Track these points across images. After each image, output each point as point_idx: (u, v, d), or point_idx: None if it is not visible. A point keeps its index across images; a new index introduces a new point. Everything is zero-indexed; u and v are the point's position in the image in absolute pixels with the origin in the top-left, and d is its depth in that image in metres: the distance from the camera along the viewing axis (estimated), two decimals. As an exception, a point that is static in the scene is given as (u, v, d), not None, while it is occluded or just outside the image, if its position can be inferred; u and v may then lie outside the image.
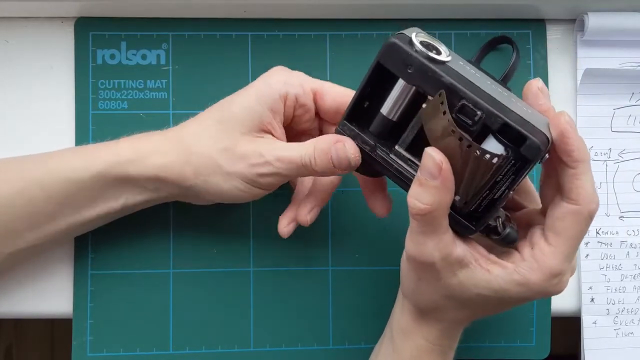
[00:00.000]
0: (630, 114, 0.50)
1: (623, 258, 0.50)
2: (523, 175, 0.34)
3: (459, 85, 0.33)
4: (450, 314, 0.39)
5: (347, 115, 0.38)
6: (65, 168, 0.41)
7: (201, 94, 0.49)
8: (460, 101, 0.33)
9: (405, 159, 0.37)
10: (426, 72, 0.34)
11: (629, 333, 0.50)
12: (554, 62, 0.50)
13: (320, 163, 0.39)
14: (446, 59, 0.34)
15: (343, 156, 0.38)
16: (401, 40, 0.34)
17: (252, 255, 0.48)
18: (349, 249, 0.49)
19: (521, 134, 0.33)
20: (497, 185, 0.34)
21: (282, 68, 0.43)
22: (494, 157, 0.33)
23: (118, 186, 0.42)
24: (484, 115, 0.33)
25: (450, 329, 0.40)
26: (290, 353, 0.48)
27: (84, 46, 0.48)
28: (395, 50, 0.34)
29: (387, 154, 0.37)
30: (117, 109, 0.48)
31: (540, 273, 0.35)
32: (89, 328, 0.47)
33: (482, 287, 0.36)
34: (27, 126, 0.48)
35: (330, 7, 0.48)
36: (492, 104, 0.33)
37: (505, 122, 0.33)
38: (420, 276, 0.37)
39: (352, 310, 0.49)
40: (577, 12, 0.49)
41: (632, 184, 0.50)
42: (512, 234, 0.37)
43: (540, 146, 0.33)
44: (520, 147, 0.33)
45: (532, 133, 0.33)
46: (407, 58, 0.34)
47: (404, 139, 0.37)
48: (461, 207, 0.35)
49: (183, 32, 0.49)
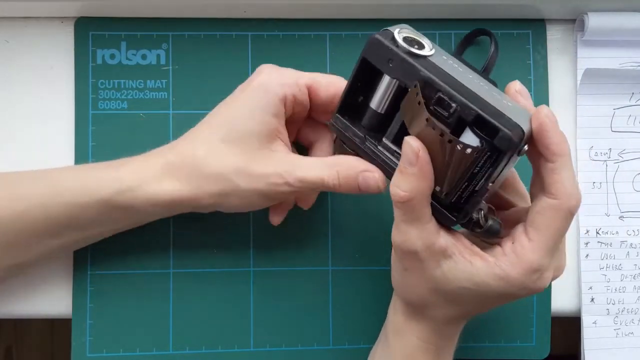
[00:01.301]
0: (630, 114, 0.50)
1: (623, 258, 0.50)
2: (499, 167, 0.35)
3: (435, 78, 0.35)
4: (437, 310, 0.39)
5: (339, 108, 0.39)
6: (67, 192, 0.41)
7: (201, 94, 0.48)
8: (437, 94, 0.34)
9: (392, 151, 0.38)
10: (405, 66, 0.35)
11: (629, 333, 0.50)
12: (554, 62, 0.50)
13: (346, 188, 0.39)
14: (428, 54, 0.36)
15: (373, 186, 0.39)
16: (384, 36, 0.36)
17: (252, 255, 0.48)
18: (349, 249, 0.49)
19: (494, 126, 0.34)
20: (476, 177, 0.35)
21: (270, 67, 0.42)
22: (467, 148, 0.34)
23: (121, 212, 0.41)
24: (459, 107, 0.34)
25: (442, 327, 0.40)
26: (290, 353, 0.48)
27: (84, 46, 0.48)
28: (377, 45, 0.36)
29: (376, 146, 0.39)
30: (117, 109, 0.48)
31: (519, 267, 0.36)
32: (89, 328, 0.47)
33: (464, 279, 0.36)
34: (27, 126, 0.48)
35: (330, 7, 0.48)
36: (467, 97, 0.34)
37: (478, 114, 0.34)
38: (406, 266, 0.38)
39: (352, 310, 0.49)
40: (577, 12, 0.49)
41: (632, 184, 0.50)
42: (494, 226, 0.37)
43: (511, 137, 0.33)
44: (494, 138, 0.34)
45: (505, 125, 0.33)
46: (388, 53, 0.36)
47: (390, 131, 0.38)
48: (443, 198, 0.36)
49: (183, 32, 0.49)
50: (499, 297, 0.37)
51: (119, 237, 0.47)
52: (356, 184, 0.39)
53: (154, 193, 0.40)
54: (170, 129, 0.48)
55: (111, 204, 0.41)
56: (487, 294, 0.37)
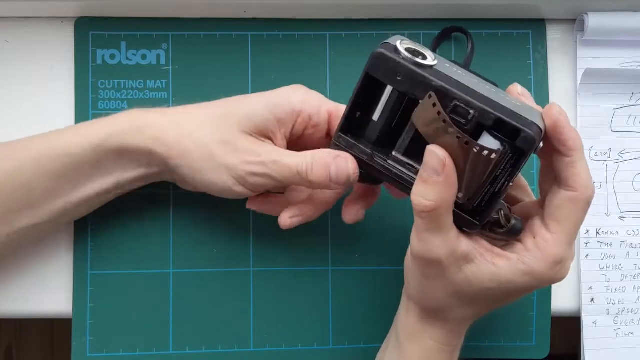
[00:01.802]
0: (630, 114, 0.50)
1: (623, 258, 0.50)
2: (521, 166, 0.35)
3: (449, 87, 0.34)
4: (456, 312, 0.39)
5: (342, 127, 0.38)
6: (63, 143, 0.41)
7: (201, 93, 0.48)
8: (452, 102, 0.34)
9: (404, 164, 0.38)
10: (415, 78, 0.35)
11: (629, 333, 0.50)
12: (554, 62, 0.50)
13: (317, 174, 0.39)
14: (432, 63, 0.35)
15: (343, 172, 0.38)
16: (387, 50, 0.35)
17: (252, 255, 0.48)
18: (349, 249, 0.49)
19: (515, 128, 0.33)
20: (497, 179, 0.35)
21: (302, 87, 0.43)
22: (492, 153, 0.33)
23: (113, 159, 0.42)
24: (477, 113, 0.34)
25: (457, 327, 0.40)
26: (290, 353, 0.48)
27: (84, 46, 0.48)
28: (382, 60, 0.35)
29: (385, 160, 0.38)
30: (117, 109, 0.48)
31: (544, 261, 0.36)
32: (89, 328, 0.47)
33: (489, 280, 0.36)
34: (27, 126, 0.48)
35: (330, 7, 0.48)
36: (484, 102, 0.34)
37: (499, 118, 0.34)
38: (427, 274, 0.37)
39: (352, 310, 0.49)
40: (577, 12, 0.49)
41: (632, 184, 0.50)
42: (517, 225, 0.37)
43: (534, 137, 0.33)
44: (516, 140, 0.34)
45: (526, 125, 0.33)
46: (394, 66, 0.35)
47: (400, 144, 0.37)
48: (464, 204, 0.36)
49: (183, 32, 0.49)
50: (522, 292, 0.38)
51: (119, 237, 0.47)
52: (327, 172, 0.39)
53: (139, 138, 0.41)
54: (170, 129, 0.48)
55: (102, 149, 0.41)
56: (511, 291, 0.37)
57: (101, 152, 0.41)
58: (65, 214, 0.44)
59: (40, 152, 0.41)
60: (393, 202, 0.44)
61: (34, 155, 0.41)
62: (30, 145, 0.42)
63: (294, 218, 0.44)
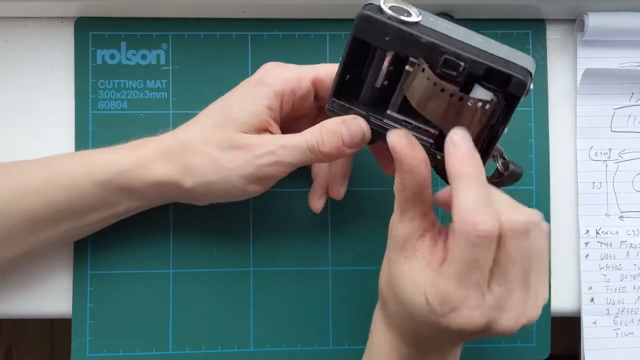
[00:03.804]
0: (630, 114, 0.50)
1: (623, 258, 0.50)
2: (514, 110, 0.35)
3: (438, 42, 0.34)
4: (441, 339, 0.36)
5: (334, 91, 0.39)
6: (66, 176, 0.41)
7: (201, 94, 0.49)
8: (442, 56, 0.34)
9: (399, 121, 0.38)
10: (403, 37, 0.35)
11: (629, 333, 0.49)
12: (554, 62, 0.50)
13: (329, 143, 0.39)
14: (418, 19, 0.35)
15: (357, 131, 0.38)
16: (372, 11, 0.35)
17: (252, 255, 0.48)
18: (349, 249, 0.49)
19: (507, 74, 0.34)
20: (493, 127, 0.36)
21: (275, 64, 0.42)
22: (486, 104, 0.34)
23: (119, 194, 0.42)
24: (468, 65, 0.34)
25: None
26: (290, 353, 0.48)
27: (84, 46, 0.48)
28: (368, 21, 0.35)
29: (381, 119, 0.38)
30: (116, 109, 0.48)
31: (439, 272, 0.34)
32: (89, 328, 0.47)
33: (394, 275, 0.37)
34: (27, 126, 0.48)
35: (330, 7, 0.48)
36: (474, 53, 0.34)
37: (490, 67, 0.34)
38: None
39: (352, 311, 0.49)
40: (577, 12, 0.49)
41: (632, 184, 0.50)
42: (517, 170, 0.38)
43: (525, 82, 0.34)
44: (507, 86, 0.34)
45: (516, 71, 0.34)
46: (382, 27, 0.35)
47: (393, 102, 0.38)
48: None
49: (183, 32, 0.49)
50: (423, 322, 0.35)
51: (119, 237, 0.47)
52: (339, 138, 0.38)
53: (147, 174, 0.41)
54: (170, 129, 0.48)
55: (109, 186, 0.41)
56: None
57: (106, 189, 0.41)
58: (68, 238, 0.44)
59: (44, 183, 0.41)
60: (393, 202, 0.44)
61: (39, 186, 0.41)
62: (34, 175, 0.42)
63: (322, 198, 0.45)
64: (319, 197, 0.46)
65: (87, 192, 0.41)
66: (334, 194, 0.45)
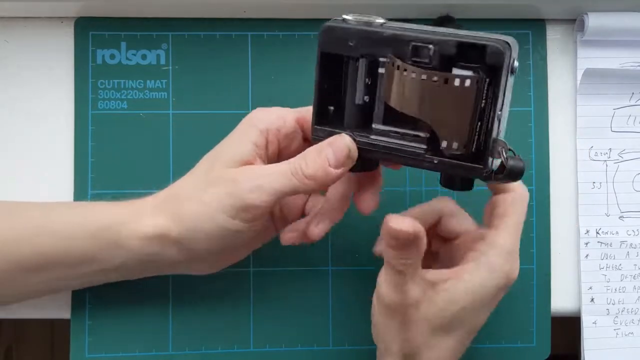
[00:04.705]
0: (630, 114, 0.50)
1: (623, 258, 0.50)
2: (501, 86, 0.33)
3: (402, 32, 0.34)
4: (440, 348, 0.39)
5: (315, 119, 0.38)
6: (59, 224, 0.40)
7: (201, 94, 0.49)
8: (409, 45, 0.34)
9: (386, 132, 0.37)
10: (367, 36, 0.35)
11: (629, 333, 0.49)
12: (554, 63, 0.50)
13: (312, 164, 0.37)
14: (381, 21, 0.35)
15: (341, 148, 0.37)
16: (335, 22, 0.35)
17: (252, 255, 0.48)
18: (349, 249, 0.49)
19: (479, 45, 0.33)
20: (484, 112, 0.34)
21: (261, 109, 0.42)
22: (465, 79, 0.32)
23: (109, 248, 0.40)
24: (437, 47, 0.33)
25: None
26: (290, 354, 0.48)
27: (84, 46, 0.48)
28: (331, 31, 0.35)
29: (367, 136, 0.37)
30: (116, 109, 0.48)
31: (499, 254, 0.38)
32: (88, 329, 0.47)
33: (463, 296, 0.38)
34: (26, 126, 0.48)
35: (330, 7, 0.48)
36: (441, 35, 0.34)
37: (460, 42, 0.33)
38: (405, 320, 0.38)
39: (352, 311, 0.49)
40: (577, 12, 0.49)
41: (632, 184, 0.50)
42: (517, 165, 0.35)
43: (501, 49, 0.32)
44: (485, 59, 0.33)
45: (489, 41, 0.33)
46: (344, 33, 0.35)
47: (376, 114, 0.37)
48: (462, 152, 0.34)
49: (183, 32, 0.49)
50: (492, 296, 0.39)
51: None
52: (323, 158, 0.37)
53: (139, 227, 0.40)
54: (170, 129, 0.48)
55: (100, 238, 0.40)
56: (484, 297, 0.38)
57: (100, 240, 0.40)
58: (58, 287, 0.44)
59: (38, 229, 0.40)
60: (393, 202, 0.44)
61: (32, 231, 0.40)
62: (29, 219, 0.41)
63: (320, 225, 0.42)
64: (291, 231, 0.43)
65: (78, 244, 0.40)
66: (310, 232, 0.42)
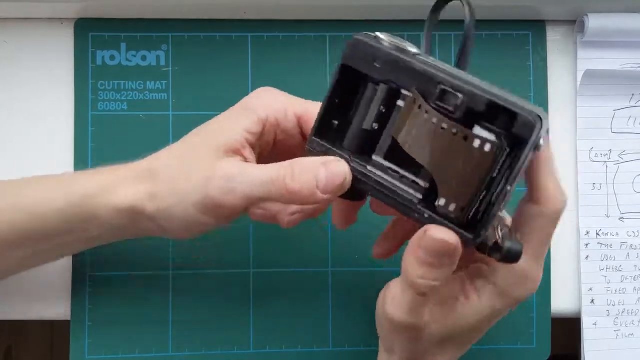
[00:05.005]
0: (630, 115, 0.50)
1: (623, 259, 0.50)
2: (521, 163, 0.30)
3: (434, 71, 0.31)
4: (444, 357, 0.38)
5: (316, 130, 0.34)
6: (28, 202, 0.39)
7: (201, 95, 0.48)
8: (438, 87, 0.30)
9: (385, 169, 0.33)
10: (396, 63, 0.31)
11: (629, 334, 0.49)
12: (554, 64, 0.50)
13: (300, 179, 0.33)
14: (416, 51, 0.32)
15: (338, 174, 0.33)
16: (366, 37, 0.33)
17: (252, 256, 0.48)
18: (349, 250, 0.49)
19: (511, 112, 0.29)
20: (494, 183, 0.30)
21: (267, 89, 0.40)
22: (486, 144, 0.29)
23: (85, 221, 0.39)
24: (467, 98, 0.30)
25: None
26: (290, 355, 0.48)
27: (84, 47, 0.48)
28: (360, 46, 0.32)
29: (365, 166, 0.33)
30: (116, 110, 0.48)
31: (512, 279, 0.35)
32: (88, 330, 0.47)
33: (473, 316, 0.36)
34: (26, 127, 0.48)
35: (330, 8, 0.48)
36: (473, 86, 0.30)
37: (490, 101, 0.30)
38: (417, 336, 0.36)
39: (352, 312, 0.49)
40: (577, 13, 0.49)
41: (633, 185, 0.50)
42: (513, 249, 0.32)
43: (534, 123, 0.29)
44: (512, 127, 0.29)
45: (523, 110, 0.29)
46: (372, 52, 0.32)
47: (380, 146, 0.33)
48: (457, 216, 0.31)
49: (183, 34, 0.49)
50: (498, 314, 0.37)
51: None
52: (313, 177, 0.33)
53: (114, 200, 0.38)
54: (170, 130, 0.48)
55: (68, 214, 0.39)
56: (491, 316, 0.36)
57: (72, 216, 0.39)
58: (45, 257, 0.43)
59: (10, 209, 0.39)
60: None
61: (6, 211, 0.39)
62: (2, 200, 0.40)
63: (295, 215, 0.40)
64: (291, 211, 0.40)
65: (48, 220, 0.39)
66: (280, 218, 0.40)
